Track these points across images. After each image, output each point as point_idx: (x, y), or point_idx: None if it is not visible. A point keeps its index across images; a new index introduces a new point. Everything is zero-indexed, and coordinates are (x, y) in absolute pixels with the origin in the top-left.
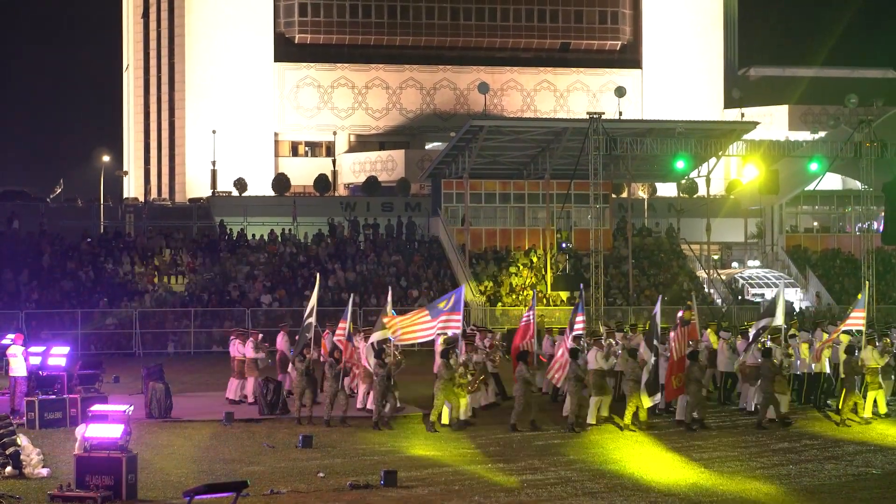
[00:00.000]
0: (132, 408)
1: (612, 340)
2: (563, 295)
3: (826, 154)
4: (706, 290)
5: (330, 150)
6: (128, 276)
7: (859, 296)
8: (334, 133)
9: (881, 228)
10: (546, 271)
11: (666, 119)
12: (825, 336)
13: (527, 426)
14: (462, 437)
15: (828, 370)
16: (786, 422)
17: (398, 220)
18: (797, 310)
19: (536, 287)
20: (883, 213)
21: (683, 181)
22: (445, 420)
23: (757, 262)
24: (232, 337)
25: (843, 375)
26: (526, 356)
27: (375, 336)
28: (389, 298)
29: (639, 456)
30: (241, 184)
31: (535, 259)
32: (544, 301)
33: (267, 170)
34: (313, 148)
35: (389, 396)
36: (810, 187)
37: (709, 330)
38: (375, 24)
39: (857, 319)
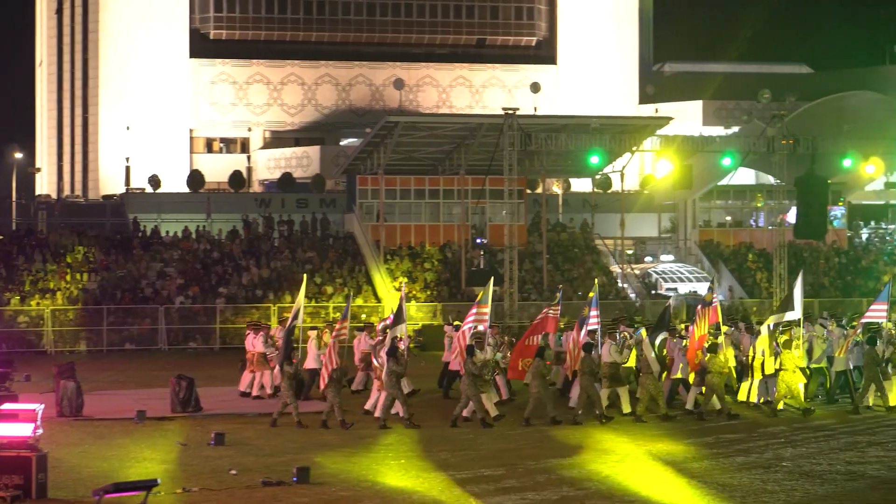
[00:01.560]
0: (43, 406)
1: (626, 333)
2: (478, 290)
3: (739, 149)
4: (620, 284)
5: (245, 147)
6: (40, 273)
7: (882, 287)
8: (249, 129)
9: (793, 223)
10: (461, 267)
11: (581, 115)
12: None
13: (544, 420)
14: (378, 434)
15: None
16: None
17: (313, 216)
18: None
19: (560, 286)
20: (795, 208)
21: (598, 176)
22: (494, 411)
23: (670, 257)
24: (247, 331)
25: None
26: (543, 352)
27: (391, 333)
28: (403, 293)
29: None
30: (155, 180)
31: (449, 255)
32: (458, 297)
33: (182, 166)
34: (228, 144)
35: (399, 394)
36: (723, 182)
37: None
38: (291, 19)
39: (878, 312)
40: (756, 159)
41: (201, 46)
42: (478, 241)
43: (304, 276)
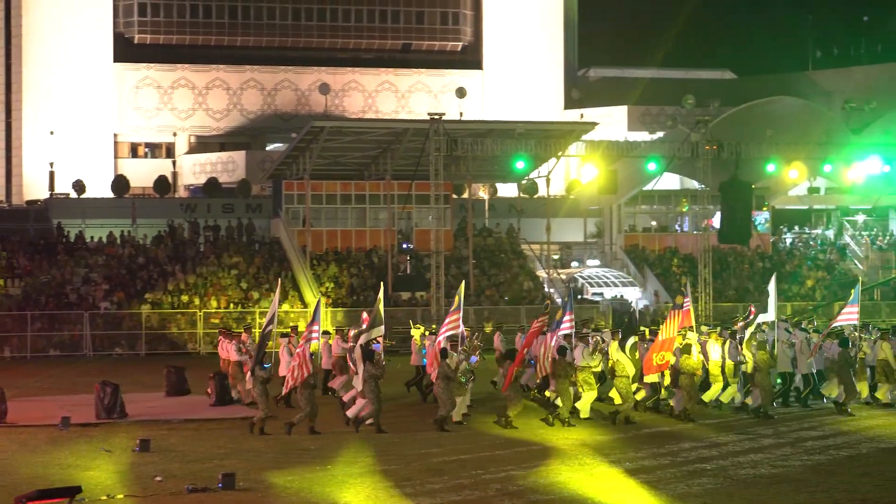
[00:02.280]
0: None
1: (599, 338)
2: (405, 295)
3: (664, 154)
4: (546, 289)
5: (170, 152)
6: None
7: (853, 291)
8: (174, 134)
9: (717, 227)
10: (387, 272)
11: (506, 120)
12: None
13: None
14: (306, 440)
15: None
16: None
17: (239, 221)
18: (634, 308)
19: (548, 302)
20: (719, 213)
21: (524, 181)
22: (458, 417)
23: (596, 262)
24: (220, 337)
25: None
26: (514, 354)
27: (365, 337)
28: (381, 295)
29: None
30: (79, 185)
31: (376, 260)
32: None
33: (106, 171)
34: (153, 149)
35: (376, 399)
36: (648, 187)
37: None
38: (216, 24)
39: (850, 315)
40: (680, 164)
41: (126, 51)
42: (404, 246)
43: (280, 280)
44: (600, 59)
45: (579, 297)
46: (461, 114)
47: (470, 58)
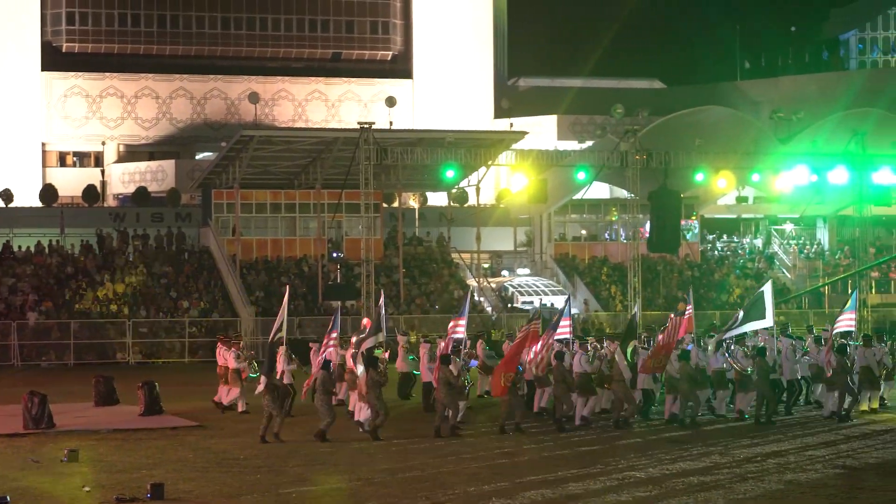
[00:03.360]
0: None
1: (597, 344)
2: (335, 304)
3: (593, 163)
4: (476, 298)
5: (99, 161)
6: None
7: (850, 299)
8: (103, 143)
9: (647, 237)
10: (318, 281)
11: (436, 129)
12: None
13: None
14: (233, 448)
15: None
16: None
17: (168, 230)
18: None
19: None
20: (648, 222)
21: (454, 190)
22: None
23: (526, 270)
24: (219, 344)
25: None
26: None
27: (369, 342)
28: (382, 301)
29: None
30: (6, 195)
31: (306, 269)
32: (315, 311)
33: (34, 180)
34: (82, 158)
35: (381, 405)
36: (578, 196)
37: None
38: (145, 33)
39: (848, 322)
40: (610, 174)
41: (54, 59)
42: (334, 254)
43: (287, 287)
44: (530, 68)
45: (509, 305)
46: (391, 123)
47: (400, 67)
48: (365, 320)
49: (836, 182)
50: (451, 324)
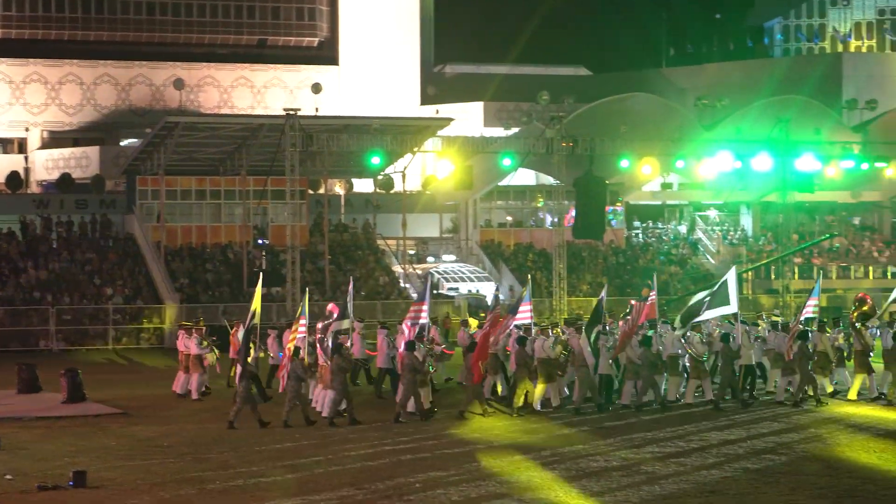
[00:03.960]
0: None
1: (559, 330)
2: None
3: (519, 150)
4: (402, 284)
5: (22, 147)
6: None
7: (815, 284)
8: (27, 129)
9: (572, 223)
10: (243, 267)
11: (362, 115)
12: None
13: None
14: (157, 436)
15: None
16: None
17: (93, 217)
18: (492, 303)
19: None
20: (574, 209)
21: (380, 177)
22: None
23: (452, 257)
24: (180, 331)
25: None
26: (474, 347)
27: (334, 328)
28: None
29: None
30: None
31: (231, 256)
32: (240, 298)
33: None
34: (5, 145)
35: (345, 391)
36: (504, 183)
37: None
38: (69, 18)
39: (812, 307)
40: (536, 160)
41: None
42: (259, 241)
43: (261, 274)
44: (456, 55)
45: (435, 292)
46: (317, 109)
47: (326, 53)
48: (330, 306)
49: (760, 169)
50: (412, 309)
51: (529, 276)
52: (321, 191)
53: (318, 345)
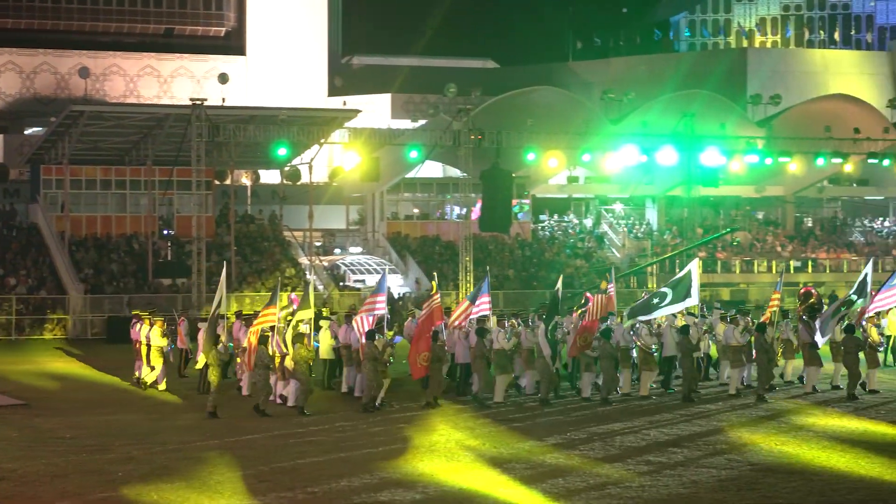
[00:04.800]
0: None
1: (514, 321)
2: (166, 282)
3: (426, 142)
4: (308, 276)
5: None
6: None
7: (778, 279)
8: None
9: (478, 216)
10: (148, 258)
11: (269, 106)
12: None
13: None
14: (58, 427)
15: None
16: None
17: None
18: (398, 295)
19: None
20: (480, 201)
21: (287, 168)
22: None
23: (359, 249)
24: (133, 321)
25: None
26: (436, 336)
27: (301, 315)
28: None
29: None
30: None
31: (136, 246)
32: (145, 289)
33: None
34: None
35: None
36: (411, 175)
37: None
38: None
39: (777, 300)
40: (443, 153)
41: None
42: (165, 232)
43: (225, 263)
44: (364, 46)
45: (341, 284)
46: (224, 100)
47: (233, 43)
48: (293, 296)
49: (665, 163)
50: (369, 301)
51: (488, 269)
52: (227, 182)
53: (275, 335)
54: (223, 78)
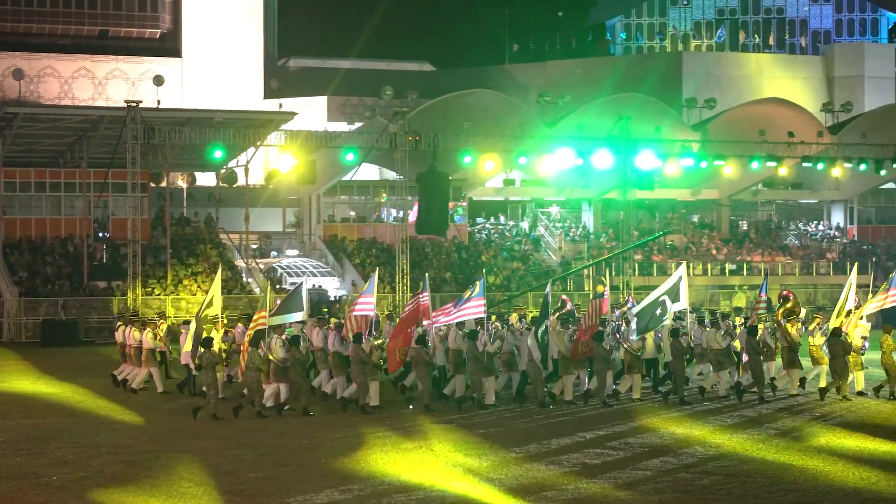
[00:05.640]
0: None
1: (497, 325)
2: (101, 284)
3: (362, 145)
4: (245, 279)
5: None
6: None
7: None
8: None
9: (415, 218)
10: (83, 261)
11: (205, 108)
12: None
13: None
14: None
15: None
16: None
17: None
18: (333, 297)
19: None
20: (417, 204)
21: (223, 171)
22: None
23: (295, 252)
24: (119, 324)
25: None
26: (423, 339)
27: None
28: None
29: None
30: None
31: (71, 249)
32: (81, 292)
33: None
34: None
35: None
36: (347, 178)
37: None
38: None
39: (763, 302)
40: (379, 155)
41: None
42: (100, 235)
43: (220, 265)
44: (300, 49)
45: (277, 287)
46: (159, 102)
47: (169, 45)
48: (278, 301)
49: (601, 166)
50: (359, 301)
51: (484, 271)
52: (163, 184)
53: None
54: (158, 80)
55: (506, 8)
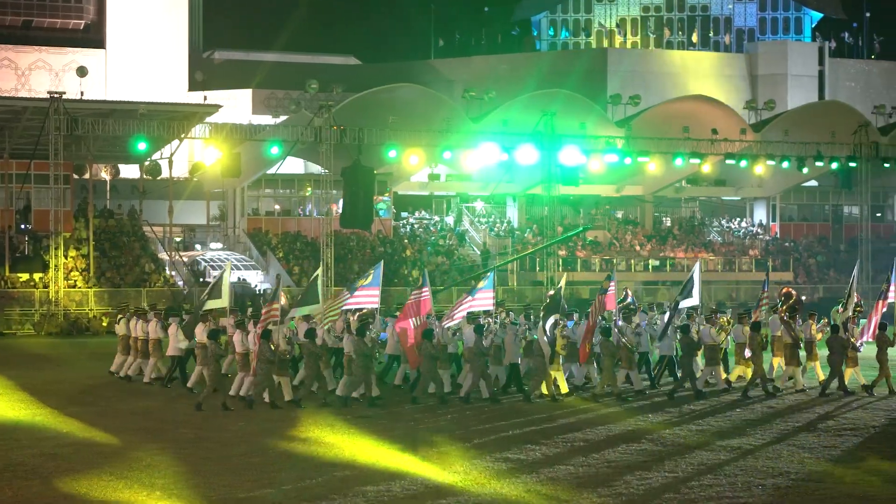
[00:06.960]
0: None
1: (490, 320)
2: (23, 276)
3: (287, 138)
4: (168, 272)
5: None
6: None
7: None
8: None
9: (340, 212)
10: (5, 253)
11: (129, 100)
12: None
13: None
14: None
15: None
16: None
17: None
18: (259, 291)
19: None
20: (342, 198)
21: (147, 163)
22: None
23: (219, 245)
24: (121, 317)
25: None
26: (430, 333)
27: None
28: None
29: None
30: None
31: None
32: (2, 284)
33: None
34: None
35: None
36: (272, 171)
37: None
38: None
39: (761, 300)
40: (304, 149)
41: None
42: (22, 226)
43: (229, 264)
44: (225, 41)
45: (201, 280)
46: (82, 93)
47: (93, 36)
48: (283, 300)
49: (525, 161)
50: (364, 294)
51: (493, 264)
52: (86, 176)
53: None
54: (82, 71)
55: (431, 2)
